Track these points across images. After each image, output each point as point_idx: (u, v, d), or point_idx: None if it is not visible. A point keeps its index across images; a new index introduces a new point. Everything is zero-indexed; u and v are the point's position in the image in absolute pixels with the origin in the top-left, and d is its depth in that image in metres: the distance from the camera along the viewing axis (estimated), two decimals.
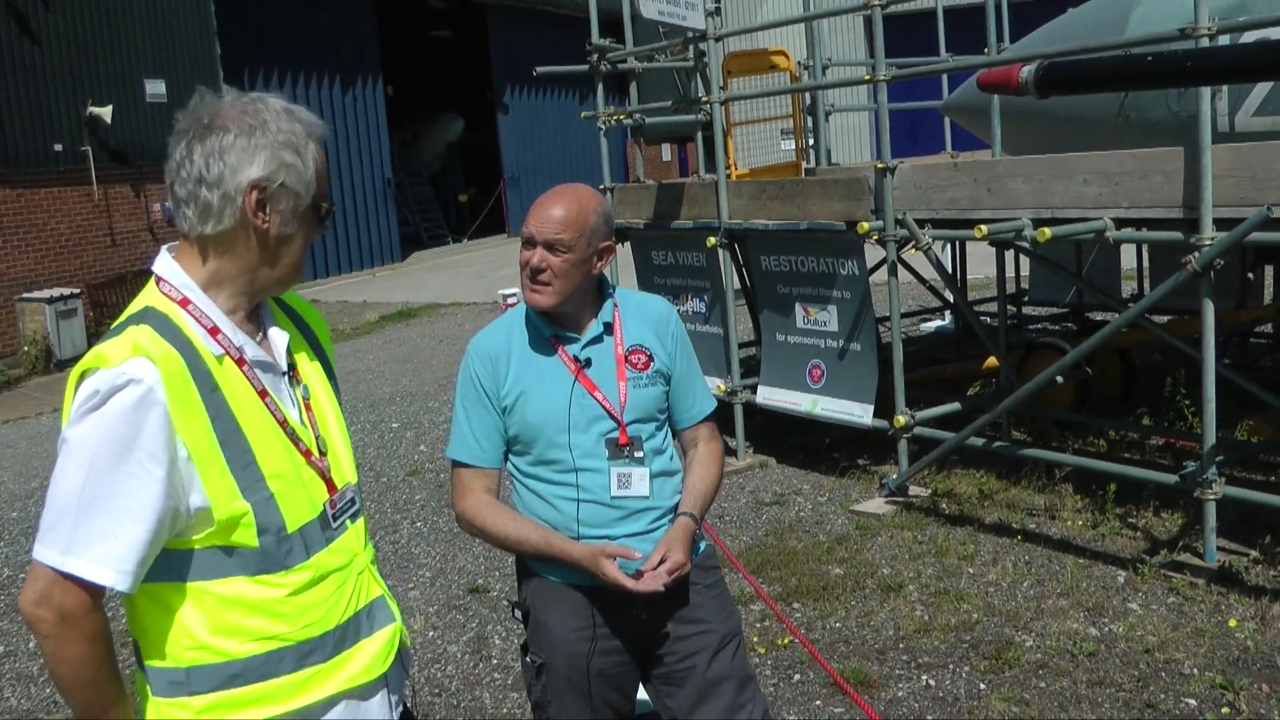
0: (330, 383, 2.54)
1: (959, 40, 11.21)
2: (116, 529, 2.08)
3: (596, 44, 9.06)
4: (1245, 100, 6.47)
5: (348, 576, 2.38)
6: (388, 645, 2.46)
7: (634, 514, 3.03)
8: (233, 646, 2.22)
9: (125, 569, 2.09)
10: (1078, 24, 7.93)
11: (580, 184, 3.18)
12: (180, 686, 2.22)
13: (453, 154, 31.35)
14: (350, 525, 2.42)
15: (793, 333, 8.01)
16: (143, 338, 2.14)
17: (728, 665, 3.10)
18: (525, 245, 3.02)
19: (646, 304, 3.22)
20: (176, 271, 2.28)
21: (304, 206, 2.29)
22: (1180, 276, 5.50)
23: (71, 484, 2.09)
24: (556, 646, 3.03)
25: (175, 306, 2.23)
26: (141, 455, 2.08)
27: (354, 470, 2.50)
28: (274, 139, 2.23)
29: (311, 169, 2.28)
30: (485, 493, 3.07)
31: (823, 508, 7.43)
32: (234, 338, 2.27)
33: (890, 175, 6.93)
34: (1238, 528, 6.09)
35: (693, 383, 3.23)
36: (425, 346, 15.43)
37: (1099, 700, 4.75)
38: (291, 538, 2.26)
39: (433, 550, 7.27)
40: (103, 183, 17.33)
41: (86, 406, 2.09)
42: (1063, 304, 10.40)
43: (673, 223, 8.75)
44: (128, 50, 18.02)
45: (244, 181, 2.21)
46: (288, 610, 2.26)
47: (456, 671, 5.59)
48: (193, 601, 2.21)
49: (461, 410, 3.10)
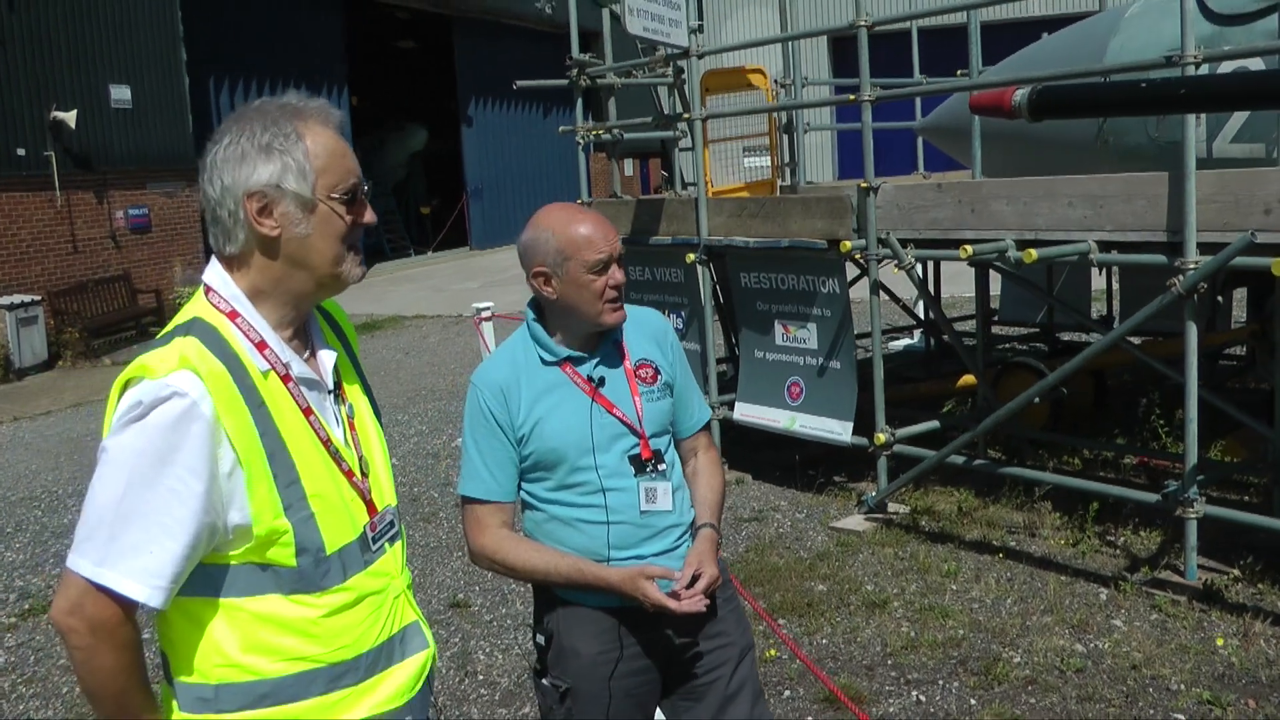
0: (370, 400, 2.52)
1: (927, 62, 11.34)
2: (152, 543, 2.05)
3: (576, 59, 9.08)
4: (1224, 127, 6.59)
5: (384, 600, 2.36)
6: (419, 671, 2.44)
7: (661, 531, 3.03)
8: (264, 665, 2.19)
9: (159, 585, 2.06)
10: (1055, 50, 8.04)
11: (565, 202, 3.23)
12: (208, 704, 2.19)
13: (416, 165, 31.26)
14: (389, 548, 2.39)
15: (771, 350, 8.05)
16: (190, 350, 2.12)
17: (746, 677, 3.14)
18: (597, 269, 2.95)
19: (644, 317, 3.21)
20: (226, 282, 2.24)
21: (311, 202, 2.21)
22: (1164, 300, 5.59)
23: (109, 494, 2.06)
24: (585, 671, 3.01)
25: (224, 319, 2.20)
26: (181, 469, 2.05)
27: (394, 492, 2.47)
28: (257, 142, 2.19)
29: (305, 161, 2.20)
30: (502, 527, 3.04)
31: (802, 524, 7.47)
32: (281, 353, 2.24)
33: (873, 195, 7.00)
34: (1215, 546, 6.18)
35: (691, 392, 3.25)
36: (391, 359, 15.37)
37: (1089, 716, 4.80)
38: (330, 559, 2.23)
39: (410, 565, 7.18)
40: (65, 188, 17.12)
41: (129, 417, 2.07)
42: (1033, 323, 10.52)
43: (651, 239, 8.78)
44: (92, 54, 17.83)
45: (240, 193, 2.18)
46: (321, 631, 2.23)
47: (442, 687, 5.57)
48: (225, 618, 2.17)
49: (473, 445, 3.04)
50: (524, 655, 5.76)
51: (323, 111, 2.28)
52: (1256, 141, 6.53)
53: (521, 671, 5.61)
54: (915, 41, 11.01)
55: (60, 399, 14.07)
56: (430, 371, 14.25)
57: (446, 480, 9.11)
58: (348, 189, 2.26)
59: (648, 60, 9.04)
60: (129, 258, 18.39)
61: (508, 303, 14.21)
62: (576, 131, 9.26)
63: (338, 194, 2.25)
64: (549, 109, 31.06)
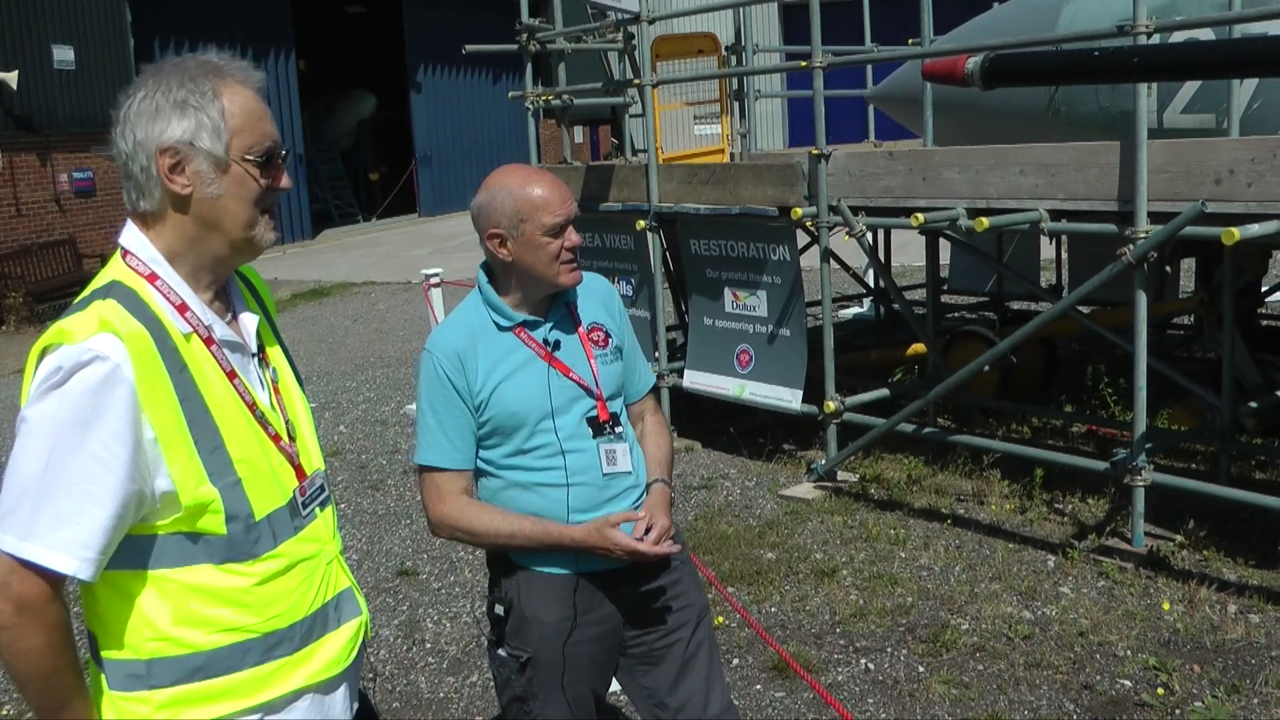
0: (290, 365, 2.47)
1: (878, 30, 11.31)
2: (78, 513, 1.99)
3: (526, 23, 8.97)
4: (1174, 98, 6.60)
5: (316, 566, 2.31)
6: (353, 638, 2.41)
7: (621, 493, 3.04)
8: (196, 637, 2.14)
9: (87, 555, 2.00)
10: (1007, 19, 8.03)
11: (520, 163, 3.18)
12: (140, 680, 2.13)
13: (364, 132, 30.90)
14: (319, 513, 2.36)
15: (721, 317, 8.02)
16: (109, 313, 2.05)
17: (703, 639, 3.16)
18: (553, 232, 2.93)
19: (591, 283, 3.19)
20: (144, 244, 2.18)
21: (224, 162, 2.16)
22: (1115, 268, 5.60)
23: (31, 466, 1.99)
24: (547, 638, 2.98)
25: (143, 282, 2.14)
26: (106, 435, 1.99)
27: (321, 457, 2.42)
28: (172, 98, 2.13)
29: (221, 120, 2.15)
30: (463, 495, 3.01)
31: (751, 492, 7.46)
32: (203, 316, 2.18)
33: (825, 162, 6.96)
34: (1161, 513, 6.23)
35: (637, 357, 3.28)
36: (339, 325, 15.23)
37: (1037, 682, 4.83)
38: (259, 525, 2.18)
39: (358, 533, 7.17)
40: (8, 151, 16.80)
41: (48, 384, 2.00)
42: (983, 292, 10.55)
43: (601, 205, 8.70)
44: (35, 14, 17.46)
45: (153, 148, 2.12)
46: (254, 600, 2.18)
47: (390, 656, 5.52)
48: (155, 590, 2.12)
49: (430, 412, 2.99)
50: (473, 624, 5.71)
51: (244, 71, 2.23)
52: (1207, 112, 6.55)
53: (470, 640, 5.57)
54: (867, 9, 10.97)
55: (3, 365, 13.83)
56: (379, 338, 14.13)
57: (394, 448, 9.03)
58: (263, 151, 2.22)
59: (598, 25, 8.96)
60: (74, 221, 18.09)
61: (456, 269, 14.12)
62: (526, 97, 9.16)
63: (253, 155, 2.21)
64: (499, 75, 30.77)
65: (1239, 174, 5.35)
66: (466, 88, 30.34)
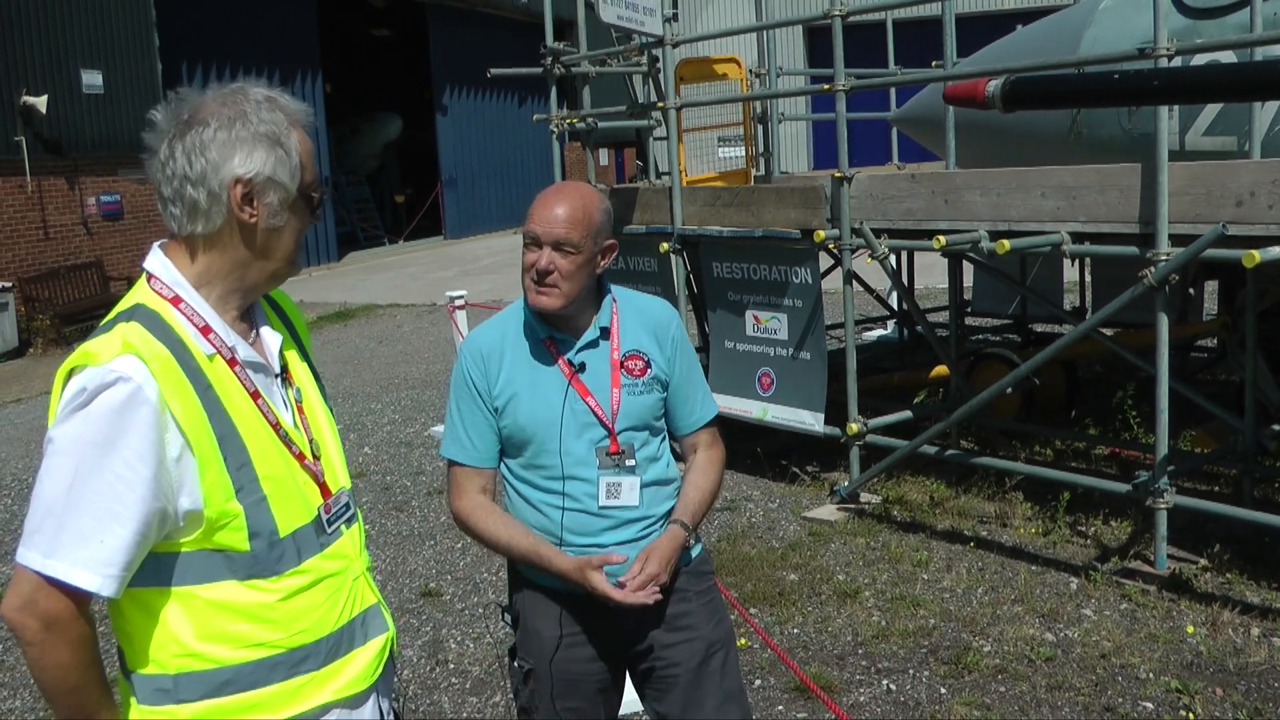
0: (318, 384, 2.51)
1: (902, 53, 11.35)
2: (101, 531, 2.02)
3: (551, 47, 9.04)
4: (1196, 120, 6.61)
5: (343, 583, 2.34)
6: (380, 653, 2.43)
7: (623, 524, 2.98)
8: (222, 652, 2.17)
9: (110, 573, 2.04)
10: (1029, 41, 8.05)
11: (579, 181, 3.14)
12: (167, 694, 2.16)
13: (390, 154, 31.12)
14: (345, 531, 2.38)
15: (742, 340, 8.04)
16: (133, 335, 2.09)
17: (716, 674, 3.07)
18: (530, 246, 2.91)
19: (647, 307, 3.12)
20: (168, 268, 2.23)
21: (292, 197, 2.24)
22: (1136, 291, 5.61)
23: (57, 485, 2.03)
24: (543, 651, 3.00)
25: (166, 305, 2.18)
26: (129, 455, 2.03)
27: (347, 475, 2.45)
28: (255, 130, 2.18)
29: (296, 158, 2.22)
30: (480, 493, 3.01)
31: (774, 514, 7.47)
32: (226, 337, 2.22)
33: (847, 184, 7.00)
34: (1184, 536, 6.22)
35: (693, 388, 3.15)
36: (365, 348, 15.31)
37: (1059, 704, 4.83)
38: (283, 542, 2.22)
39: (383, 554, 7.21)
40: (36, 174, 16.97)
41: (73, 405, 2.04)
42: (1006, 315, 10.56)
43: (625, 227, 8.75)
44: (64, 39, 17.64)
45: (228, 176, 2.16)
46: (279, 616, 2.21)
47: (413, 676, 5.55)
48: (179, 605, 2.15)
49: (455, 408, 3.02)
50: (495, 644, 5.74)
51: (303, 111, 2.30)
52: (1229, 134, 6.56)
53: (492, 661, 5.60)
54: (890, 32, 11.01)
55: (31, 386, 13.95)
56: (404, 360, 14.20)
57: (419, 469, 9.08)
58: (317, 190, 2.31)
59: (622, 49, 9.03)
60: (101, 244, 18.25)
61: (481, 291, 14.20)
62: (551, 120, 9.22)
63: (314, 193, 2.30)
64: (524, 98, 30.95)
65: (1260, 196, 5.36)
66: (492, 110, 30.53)
